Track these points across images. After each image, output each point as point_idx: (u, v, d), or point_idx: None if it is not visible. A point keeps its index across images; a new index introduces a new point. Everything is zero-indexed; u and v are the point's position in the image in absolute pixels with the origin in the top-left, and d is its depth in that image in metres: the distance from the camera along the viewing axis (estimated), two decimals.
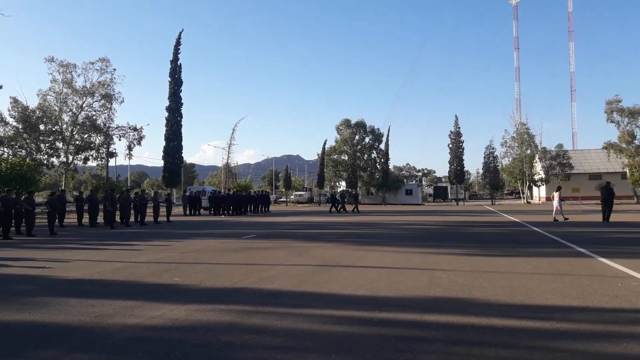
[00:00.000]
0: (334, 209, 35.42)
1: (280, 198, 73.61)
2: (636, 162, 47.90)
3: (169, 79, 41.83)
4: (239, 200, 34.51)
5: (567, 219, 21.73)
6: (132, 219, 23.44)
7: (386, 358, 4.03)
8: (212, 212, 33.51)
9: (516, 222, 22.15)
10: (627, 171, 49.30)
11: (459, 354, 4.12)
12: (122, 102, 40.57)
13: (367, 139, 66.60)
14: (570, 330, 4.80)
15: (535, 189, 61.58)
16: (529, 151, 56.73)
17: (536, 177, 57.09)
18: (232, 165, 66.02)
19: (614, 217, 21.40)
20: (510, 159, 58.48)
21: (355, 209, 36.36)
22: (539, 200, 60.39)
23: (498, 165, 62.03)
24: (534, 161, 57.87)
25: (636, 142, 48.70)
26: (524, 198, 59.46)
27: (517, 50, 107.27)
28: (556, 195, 22.51)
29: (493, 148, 63.34)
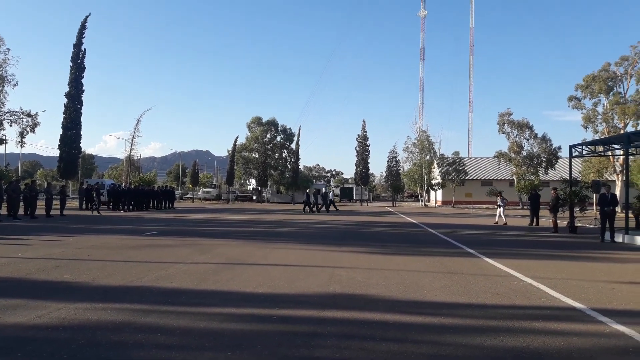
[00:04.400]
0: (308, 208, 33.56)
1: (187, 194, 71.49)
2: (523, 170, 52.45)
3: (71, 64, 39.53)
4: (141, 195, 33.07)
5: (506, 223, 22.85)
6: (21, 211, 21.72)
7: (282, 354, 4.11)
8: (110, 206, 31.79)
9: (414, 223, 23.38)
10: (515, 179, 53.82)
11: (352, 348, 4.30)
12: (15, 85, 37.12)
13: (278, 138, 66.81)
14: (455, 325, 5.17)
15: (432, 192, 65.28)
16: (428, 157, 59.99)
17: (434, 182, 60.55)
18: (135, 158, 63.13)
19: (500, 221, 23.29)
20: (411, 164, 61.55)
21: (321, 208, 34.45)
22: (436, 203, 64.13)
23: (400, 169, 65.08)
24: (433, 167, 61.35)
25: (523, 152, 53.29)
26: (422, 201, 62.81)
27: (422, 60, 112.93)
28: (498, 199, 24.16)
29: (396, 153, 66.42)
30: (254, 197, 66.33)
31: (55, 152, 40.33)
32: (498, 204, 24.24)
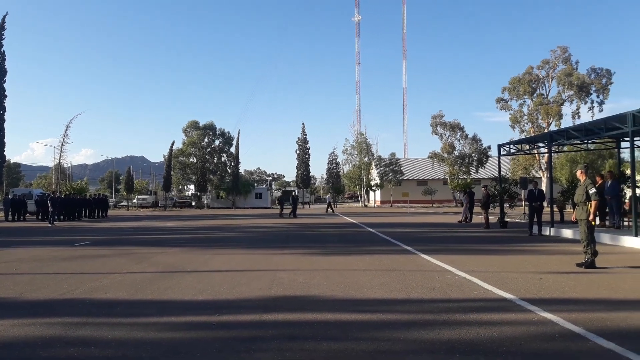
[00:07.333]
0: (293, 214, 32.22)
1: (121, 202, 68.82)
2: (455, 170, 54.56)
3: None
4: (72, 204, 31.53)
5: (468, 221, 22.88)
6: None
7: None
8: (39, 217, 30.11)
9: (354, 224, 23.74)
10: (448, 178, 55.89)
11: (293, 350, 4.30)
12: None
13: (217, 142, 65.81)
14: (393, 320, 5.30)
15: (371, 193, 66.61)
16: (366, 159, 61.24)
17: (372, 183, 61.84)
18: (65, 165, 60.14)
19: (449, 219, 24.11)
20: (351, 166, 62.59)
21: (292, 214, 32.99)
22: (375, 203, 65.45)
23: (340, 171, 65.99)
24: (371, 168, 62.64)
25: (455, 152, 55.47)
26: (361, 201, 63.93)
27: (358, 64, 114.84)
28: (463, 198, 24.63)
29: (336, 155, 67.30)
30: (193, 203, 64.90)
31: None
32: (465, 202, 24.50)
